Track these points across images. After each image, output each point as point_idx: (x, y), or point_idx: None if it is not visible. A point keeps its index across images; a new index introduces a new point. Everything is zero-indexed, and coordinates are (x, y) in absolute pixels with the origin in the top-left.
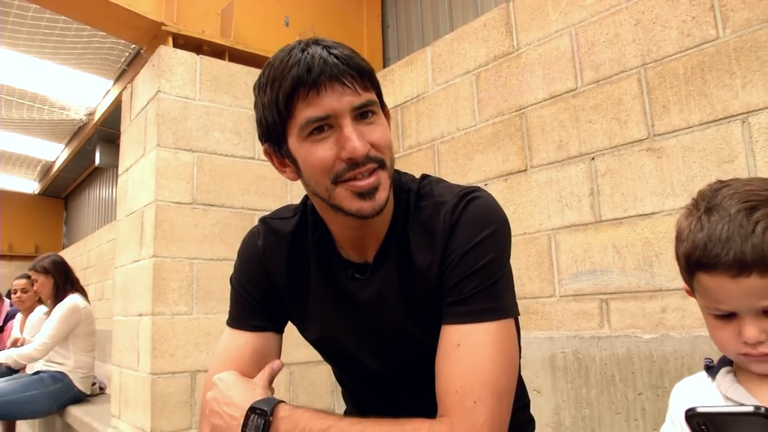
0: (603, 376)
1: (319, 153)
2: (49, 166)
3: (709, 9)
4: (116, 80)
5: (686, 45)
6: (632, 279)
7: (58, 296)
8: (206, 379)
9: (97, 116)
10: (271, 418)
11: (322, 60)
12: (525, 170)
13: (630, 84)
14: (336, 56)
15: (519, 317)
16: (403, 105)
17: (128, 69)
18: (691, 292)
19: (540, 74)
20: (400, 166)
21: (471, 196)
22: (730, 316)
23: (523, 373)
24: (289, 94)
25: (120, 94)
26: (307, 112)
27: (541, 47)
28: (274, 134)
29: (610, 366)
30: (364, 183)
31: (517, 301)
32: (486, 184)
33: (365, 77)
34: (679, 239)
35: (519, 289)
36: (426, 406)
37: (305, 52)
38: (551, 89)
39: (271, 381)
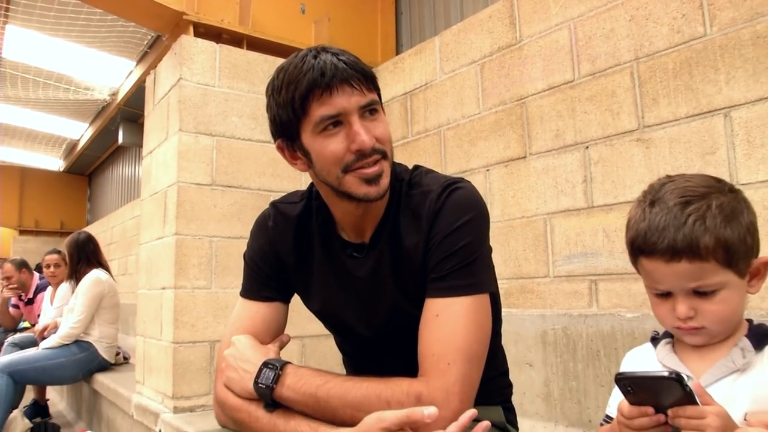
0: (589, 351)
1: (331, 146)
2: (73, 145)
3: (698, 7)
4: (138, 62)
5: (676, 41)
6: (620, 262)
7: (72, 272)
8: (222, 341)
9: (120, 96)
10: (280, 372)
11: (333, 65)
12: (524, 157)
13: (623, 77)
14: (344, 62)
15: (513, 295)
16: (413, 92)
17: (150, 51)
18: (639, 272)
19: (540, 66)
20: (409, 150)
21: (454, 186)
22: (666, 295)
23: (516, 348)
24: (305, 96)
25: (142, 76)
26: (321, 110)
27: (542, 40)
28: (288, 131)
29: (595, 342)
30: (371, 171)
31: (514, 280)
32: (488, 170)
33: (369, 80)
34: (627, 227)
35: (516, 269)
36: (411, 368)
37: (317, 59)
38: (550, 80)
39: (280, 349)
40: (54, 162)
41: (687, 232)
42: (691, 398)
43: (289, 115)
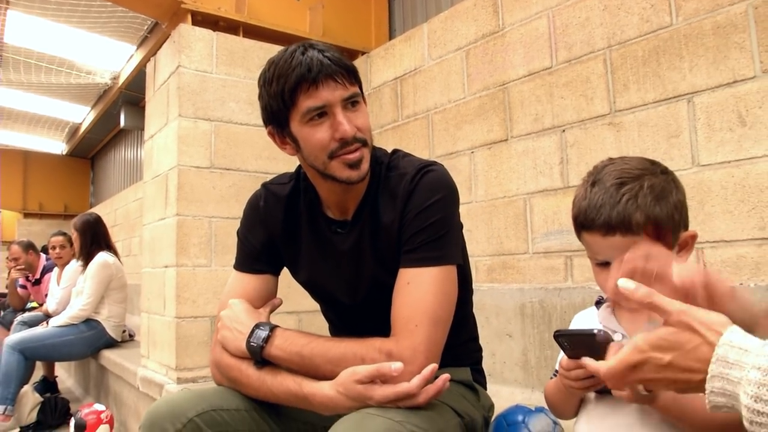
0: (563, 322)
1: (317, 135)
2: (76, 128)
3: None
4: (139, 46)
5: (645, 30)
6: None
7: (84, 252)
8: (219, 307)
9: (121, 80)
10: (270, 333)
11: (319, 62)
12: (506, 140)
13: (597, 64)
14: (329, 58)
15: (496, 271)
16: (402, 77)
17: (150, 36)
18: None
19: (521, 52)
20: (399, 133)
21: (426, 169)
22: (605, 264)
23: (497, 320)
24: (293, 89)
25: (143, 60)
26: (307, 102)
27: (523, 27)
28: (277, 119)
29: (569, 313)
30: (352, 156)
31: (496, 257)
32: (473, 152)
33: (351, 74)
34: (573, 205)
35: (498, 246)
36: (387, 332)
37: (305, 55)
38: (530, 67)
39: (270, 312)
40: (57, 145)
41: (620, 210)
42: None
43: (279, 105)
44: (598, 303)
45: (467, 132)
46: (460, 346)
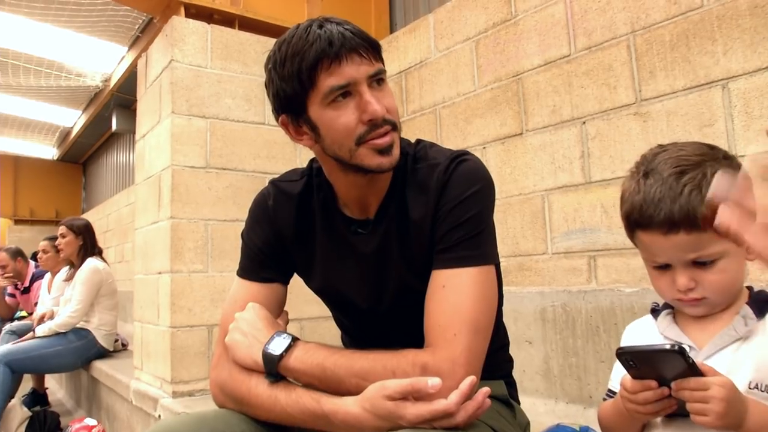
0: (588, 327)
1: (342, 118)
2: (67, 132)
3: None
4: (130, 47)
5: (672, 12)
6: (618, 237)
7: (81, 256)
8: (221, 322)
9: (112, 82)
10: (292, 342)
11: (341, 35)
12: (521, 134)
13: (620, 50)
14: (351, 31)
15: (512, 273)
16: (407, 71)
17: (142, 36)
18: (636, 245)
19: (536, 41)
20: (404, 130)
21: (461, 158)
22: (665, 267)
23: (515, 326)
24: (313, 66)
25: (135, 61)
26: (330, 80)
27: (537, 14)
28: (293, 105)
29: (594, 318)
30: (382, 141)
31: (512, 258)
32: (484, 148)
33: (376, 49)
34: (621, 200)
35: (514, 247)
36: (416, 345)
37: (323, 29)
38: (546, 55)
39: (286, 326)
40: (48, 150)
41: (684, 203)
42: (694, 370)
43: (294, 88)
44: (655, 311)
45: (478, 126)
46: (492, 355)
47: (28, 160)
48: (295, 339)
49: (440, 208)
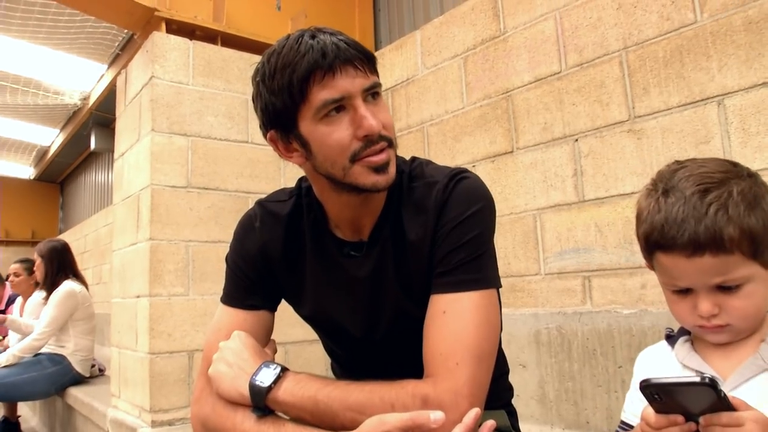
0: (585, 350)
1: (336, 134)
2: (44, 152)
3: None
4: (110, 65)
5: (665, 29)
6: (613, 257)
7: (48, 281)
8: (204, 352)
9: (91, 101)
10: (281, 373)
11: (334, 46)
12: (511, 152)
13: (612, 67)
14: (345, 42)
15: (503, 294)
16: (394, 88)
17: (122, 53)
18: (652, 267)
19: (526, 57)
20: None
21: (460, 176)
22: (686, 291)
23: (509, 349)
24: (305, 78)
25: (114, 79)
26: (322, 94)
27: (527, 31)
28: (282, 120)
29: (591, 340)
30: (378, 158)
31: (504, 279)
32: (474, 166)
33: (371, 61)
34: (638, 220)
35: (505, 267)
36: (414, 375)
37: (315, 39)
38: (536, 72)
39: (274, 356)
40: (24, 170)
41: (709, 224)
42: (725, 404)
43: (284, 102)
44: (670, 337)
45: (467, 144)
46: (492, 383)
47: (4, 179)
48: (284, 369)
49: (439, 229)
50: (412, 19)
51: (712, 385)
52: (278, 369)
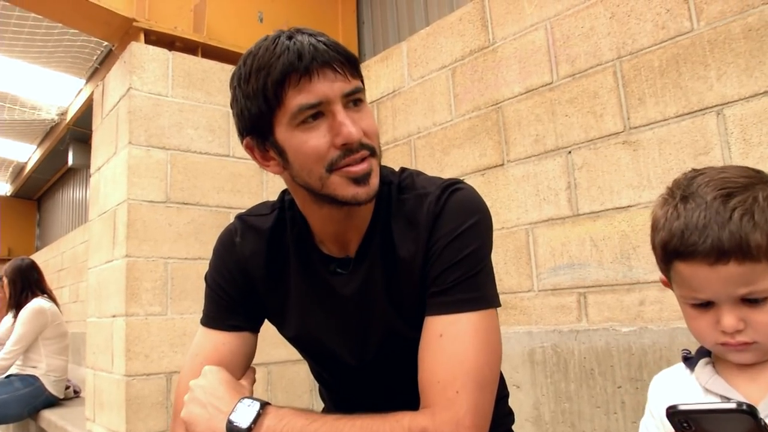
0: (582, 369)
1: (312, 141)
2: (20, 168)
3: (683, 1)
4: (88, 79)
5: (661, 37)
6: (610, 272)
7: (13, 301)
8: (180, 378)
9: (69, 116)
10: (261, 411)
11: (312, 47)
12: (502, 164)
13: (605, 77)
14: (324, 43)
15: (498, 310)
16: (379, 101)
17: (100, 68)
18: (668, 282)
19: (516, 68)
20: None
21: (454, 187)
22: (707, 305)
23: (502, 369)
24: (279, 81)
25: (92, 94)
26: (298, 99)
27: (517, 41)
28: (258, 125)
29: (589, 359)
30: (358, 168)
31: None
32: (463, 179)
33: (353, 64)
34: (654, 228)
35: (497, 284)
36: (408, 402)
37: (292, 40)
38: (527, 83)
39: (252, 385)
40: (0, 186)
41: (734, 229)
42: None
43: (260, 107)
44: (687, 359)
45: (456, 157)
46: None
47: None
48: (264, 405)
49: (433, 245)
50: (396, 31)
51: (750, 412)
52: (257, 405)
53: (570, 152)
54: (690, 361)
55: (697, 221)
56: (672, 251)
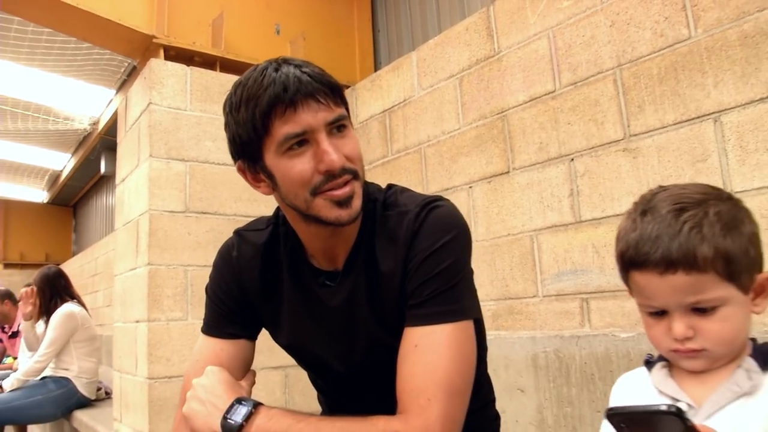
0: (583, 374)
1: (298, 167)
2: (56, 176)
3: (681, 9)
4: (118, 90)
5: (659, 45)
6: (611, 278)
7: (43, 308)
8: (184, 383)
9: (100, 126)
10: (253, 410)
11: (296, 79)
12: (507, 172)
13: (606, 85)
14: (309, 74)
15: (502, 317)
16: (391, 110)
17: (128, 79)
18: (630, 291)
19: (520, 77)
20: (389, 170)
21: (432, 205)
22: (661, 314)
23: (506, 373)
24: (266, 112)
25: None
26: (284, 128)
27: (521, 50)
28: (248, 151)
29: (589, 365)
30: (341, 192)
31: (502, 301)
32: (471, 186)
33: (336, 93)
34: (617, 240)
35: (503, 289)
36: (392, 406)
37: (278, 72)
38: (531, 92)
39: (251, 387)
40: (38, 194)
41: (683, 241)
42: None
43: (249, 135)
44: (649, 363)
45: (464, 165)
46: (476, 413)
47: (18, 203)
48: (257, 405)
49: (410, 261)
50: (410, 39)
51: (677, 413)
52: (250, 405)
53: (572, 160)
54: (650, 364)
55: (650, 233)
56: (628, 261)
